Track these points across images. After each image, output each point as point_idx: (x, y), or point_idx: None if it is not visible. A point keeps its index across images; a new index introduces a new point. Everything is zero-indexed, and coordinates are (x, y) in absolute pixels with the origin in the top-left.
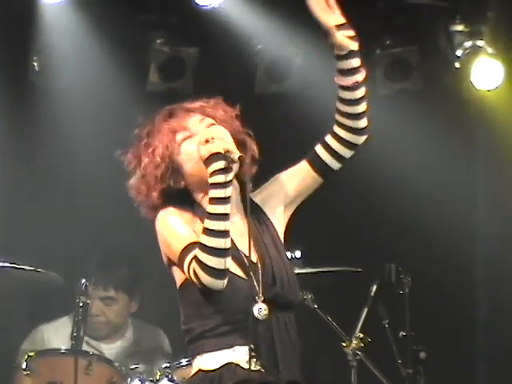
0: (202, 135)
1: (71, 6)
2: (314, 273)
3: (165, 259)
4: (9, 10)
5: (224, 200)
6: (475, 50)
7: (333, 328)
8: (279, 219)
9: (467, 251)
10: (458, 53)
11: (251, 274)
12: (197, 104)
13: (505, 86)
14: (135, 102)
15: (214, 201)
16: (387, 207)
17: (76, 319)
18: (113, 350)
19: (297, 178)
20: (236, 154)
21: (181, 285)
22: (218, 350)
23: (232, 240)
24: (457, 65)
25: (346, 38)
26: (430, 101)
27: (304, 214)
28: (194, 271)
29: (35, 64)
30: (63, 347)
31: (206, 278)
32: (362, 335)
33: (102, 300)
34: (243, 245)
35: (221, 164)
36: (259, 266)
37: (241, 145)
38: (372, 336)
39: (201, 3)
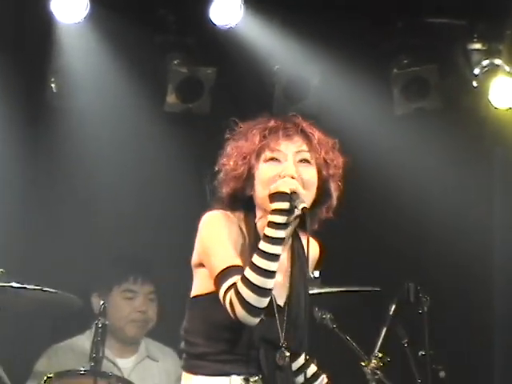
0: (288, 169)
1: (89, 27)
2: (333, 292)
3: (195, 259)
4: (27, 30)
5: (276, 240)
6: (493, 69)
7: (352, 347)
8: (314, 252)
9: (485, 269)
10: (476, 71)
11: (276, 316)
12: (302, 129)
13: None
14: (152, 122)
15: (268, 239)
16: (405, 225)
17: (95, 340)
18: (129, 364)
19: None
20: (302, 202)
21: (199, 295)
22: (216, 375)
23: None
24: (474, 83)
25: None
26: (448, 119)
27: (321, 233)
28: (231, 302)
29: (53, 85)
30: (82, 368)
31: (242, 314)
32: (381, 354)
33: (146, 296)
34: (276, 282)
35: (283, 205)
36: (285, 311)
37: (323, 193)
38: (391, 355)
39: (218, 23)
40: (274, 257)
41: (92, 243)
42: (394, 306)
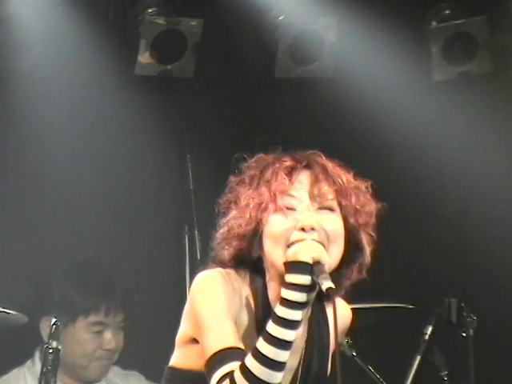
0: (305, 218)
1: None
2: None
3: (187, 331)
4: None
5: (290, 323)
6: None
7: (376, 380)
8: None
9: None
10: None
11: None
12: (326, 170)
13: None
14: (120, 89)
15: (279, 321)
16: (444, 229)
17: (44, 369)
18: None
19: None
20: (326, 279)
21: (181, 368)
22: None
23: None
24: None
25: None
26: (501, 86)
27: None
28: None
29: None
30: None
31: None
32: None
33: (116, 327)
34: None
35: (303, 279)
36: None
37: (352, 248)
38: None
39: None
40: (285, 344)
41: (44, 253)
42: (430, 328)
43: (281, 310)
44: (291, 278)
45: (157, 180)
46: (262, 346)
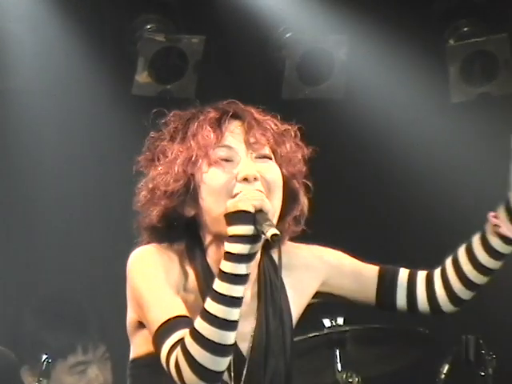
0: (245, 168)
1: None
2: (359, 331)
3: (131, 318)
4: None
5: (237, 278)
6: None
7: None
8: (301, 297)
9: None
10: None
11: (237, 376)
12: (254, 117)
13: None
14: (116, 110)
15: (226, 277)
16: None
17: None
18: None
19: (355, 277)
20: (270, 226)
21: (140, 356)
22: None
23: None
24: None
25: None
26: None
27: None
28: (177, 365)
29: None
30: None
31: (192, 380)
32: None
33: (100, 361)
34: (239, 329)
35: (245, 230)
36: (250, 366)
37: (290, 196)
38: None
39: None
40: (234, 301)
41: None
42: (446, 367)
43: (226, 265)
44: (233, 229)
45: None
46: (210, 305)
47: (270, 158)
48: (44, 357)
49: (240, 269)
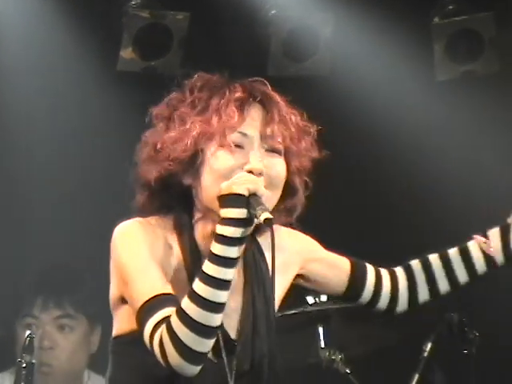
0: (253, 162)
1: None
2: (344, 310)
3: (114, 293)
4: None
5: (227, 261)
6: None
7: None
8: (283, 279)
9: None
10: None
11: (223, 355)
12: (277, 107)
13: None
14: (101, 86)
15: (216, 260)
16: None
17: None
18: None
19: (330, 268)
20: (264, 210)
21: (122, 334)
22: None
23: None
24: None
25: None
26: (508, 87)
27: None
28: (161, 344)
29: None
30: None
31: (176, 360)
32: None
33: (56, 322)
34: (225, 310)
35: (238, 212)
36: (237, 345)
37: (289, 191)
38: None
39: None
40: (223, 283)
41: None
42: (429, 345)
43: (216, 248)
44: (226, 212)
45: None
46: (199, 286)
47: (280, 154)
48: (27, 332)
49: (231, 252)
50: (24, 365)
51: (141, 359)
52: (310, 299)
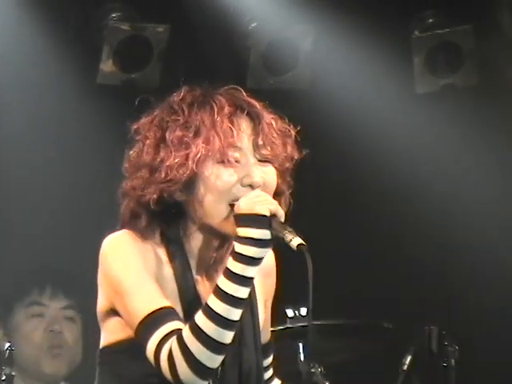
0: (253, 176)
1: None
2: (323, 327)
3: (103, 305)
4: None
5: (245, 280)
6: None
7: None
8: (261, 299)
9: None
10: None
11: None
12: (258, 115)
13: None
14: (80, 99)
15: (233, 278)
16: (426, 255)
17: None
18: None
19: None
20: (294, 235)
21: (111, 344)
22: None
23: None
24: None
25: None
26: (488, 99)
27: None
28: (171, 359)
29: None
30: None
31: (188, 375)
32: None
33: (63, 312)
34: None
35: (262, 234)
36: (225, 356)
37: (276, 193)
38: None
39: None
40: (239, 301)
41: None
42: (409, 358)
43: (235, 266)
44: (247, 231)
45: None
46: (215, 303)
47: (270, 161)
48: (7, 345)
49: (249, 271)
50: (4, 377)
51: (130, 369)
52: (290, 312)
